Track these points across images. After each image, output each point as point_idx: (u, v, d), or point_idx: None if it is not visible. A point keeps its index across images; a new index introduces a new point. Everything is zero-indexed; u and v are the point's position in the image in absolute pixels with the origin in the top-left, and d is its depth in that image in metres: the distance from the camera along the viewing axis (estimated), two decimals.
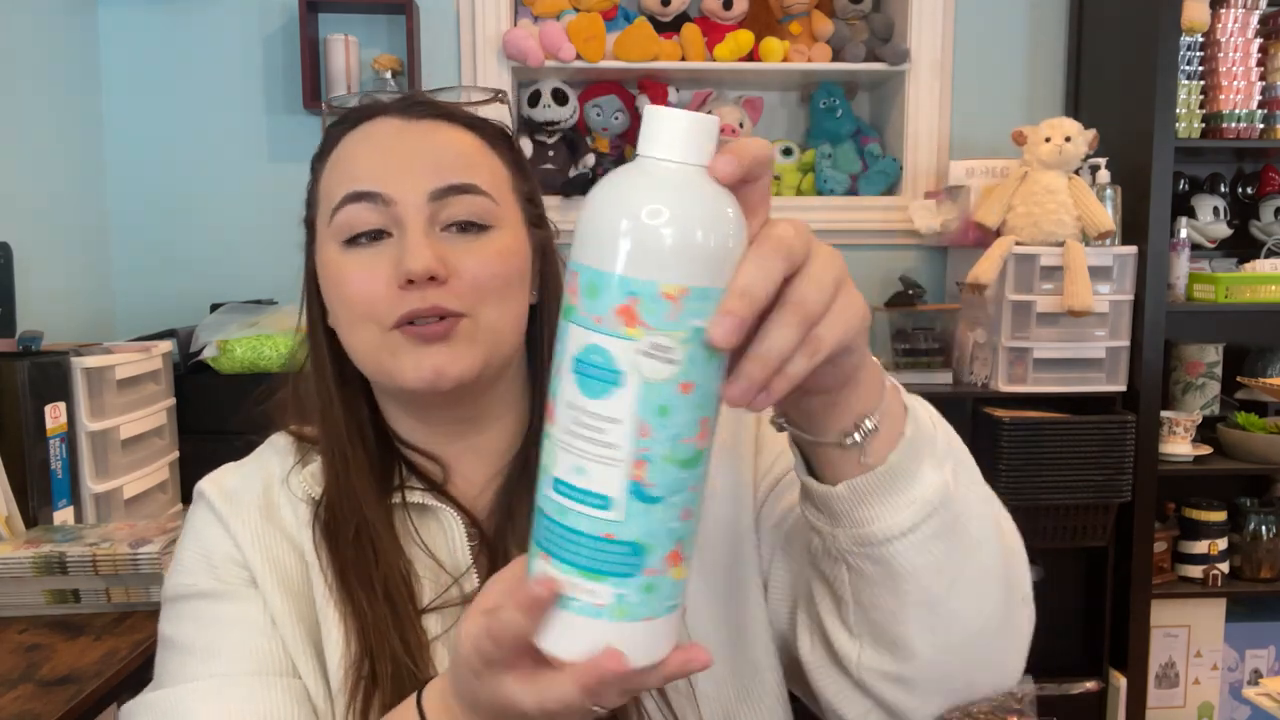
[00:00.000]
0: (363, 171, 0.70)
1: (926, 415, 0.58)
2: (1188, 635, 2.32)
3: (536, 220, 0.77)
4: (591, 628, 0.47)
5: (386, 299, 0.68)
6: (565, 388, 0.46)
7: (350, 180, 0.70)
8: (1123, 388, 2.20)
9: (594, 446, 0.45)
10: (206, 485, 0.77)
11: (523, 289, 0.74)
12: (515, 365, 0.76)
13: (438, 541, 0.74)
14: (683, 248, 0.43)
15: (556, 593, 0.46)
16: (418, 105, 0.74)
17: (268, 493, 0.75)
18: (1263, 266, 2.32)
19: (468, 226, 0.70)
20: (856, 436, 0.53)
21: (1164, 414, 2.24)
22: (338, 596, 0.70)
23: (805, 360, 0.46)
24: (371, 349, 0.70)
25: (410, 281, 0.67)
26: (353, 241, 0.70)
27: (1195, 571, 2.30)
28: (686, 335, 0.44)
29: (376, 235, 0.69)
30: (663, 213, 0.43)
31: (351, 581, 0.70)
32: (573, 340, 0.45)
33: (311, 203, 0.76)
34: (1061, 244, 2.13)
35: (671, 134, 0.44)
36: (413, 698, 0.58)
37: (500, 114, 0.80)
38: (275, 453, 0.79)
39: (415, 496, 0.74)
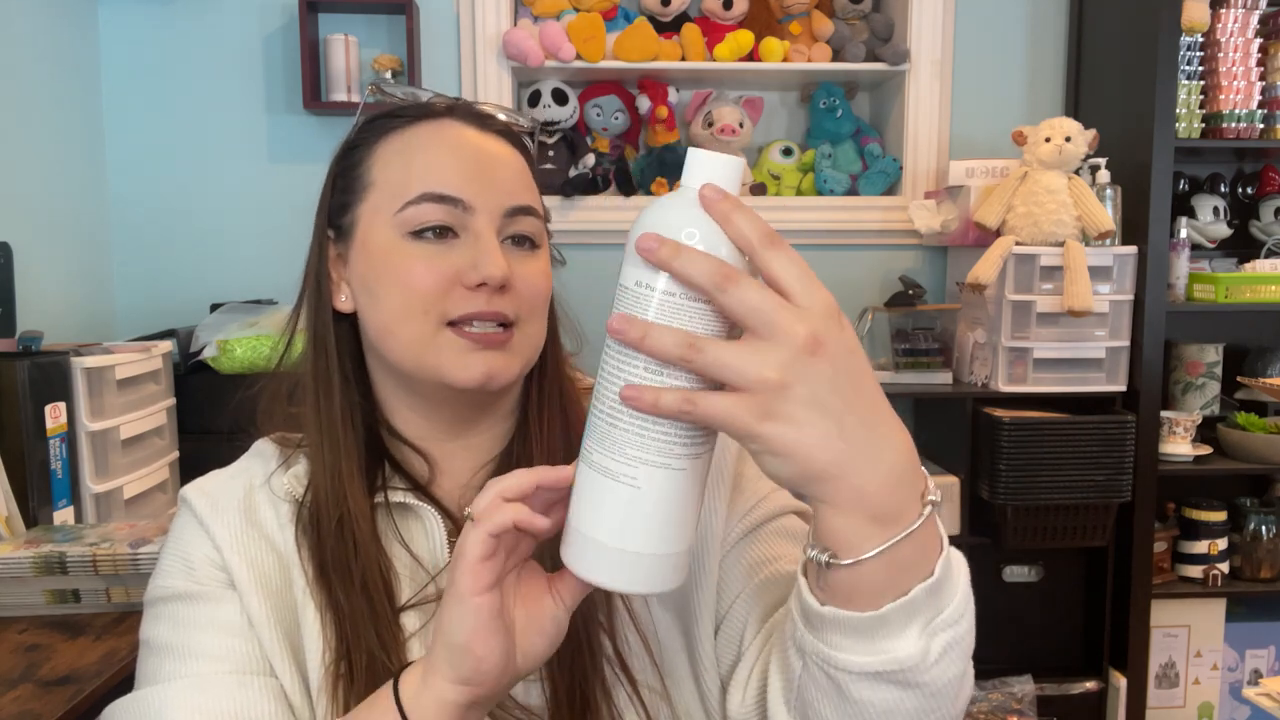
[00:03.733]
0: (445, 174, 0.72)
1: (955, 582, 0.55)
2: (1188, 635, 2.32)
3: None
4: None
5: (452, 295, 0.71)
6: None
7: (431, 180, 0.72)
8: (1123, 388, 2.20)
9: None
10: (189, 490, 0.78)
11: (548, 309, 0.78)
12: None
13: (418, 540, 0.75)
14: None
15: None
16: (489, 118, 0.78)
17: (249, 496, 0.76)
18: (1263, 266, 2.32)
19: (523, 242, 0.75)
20: (810, 553, 0.53)
21: (1164, 414, 2.24)
22: (316, 590, 0.71)
23: (670, 400, 0.50)
24: (418, 342, 0.72)
25: (482, 284, 0.70)
26: (419, 235, 0.72)
27: (1195, 571, 2.30)
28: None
29: (443, 231, 0.72)
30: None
31: (330, 575, 0.71)
32: None
33: (350, 187, 0.76)
34: (1061, 244, 2.13)
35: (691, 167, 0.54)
36: (388, 684, 0.61)
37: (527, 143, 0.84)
38: (259, 458, 0.80)
39: (397, 496, 0.75)
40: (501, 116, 0.80)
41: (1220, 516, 2.30)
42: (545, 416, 0.78)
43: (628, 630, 0.72)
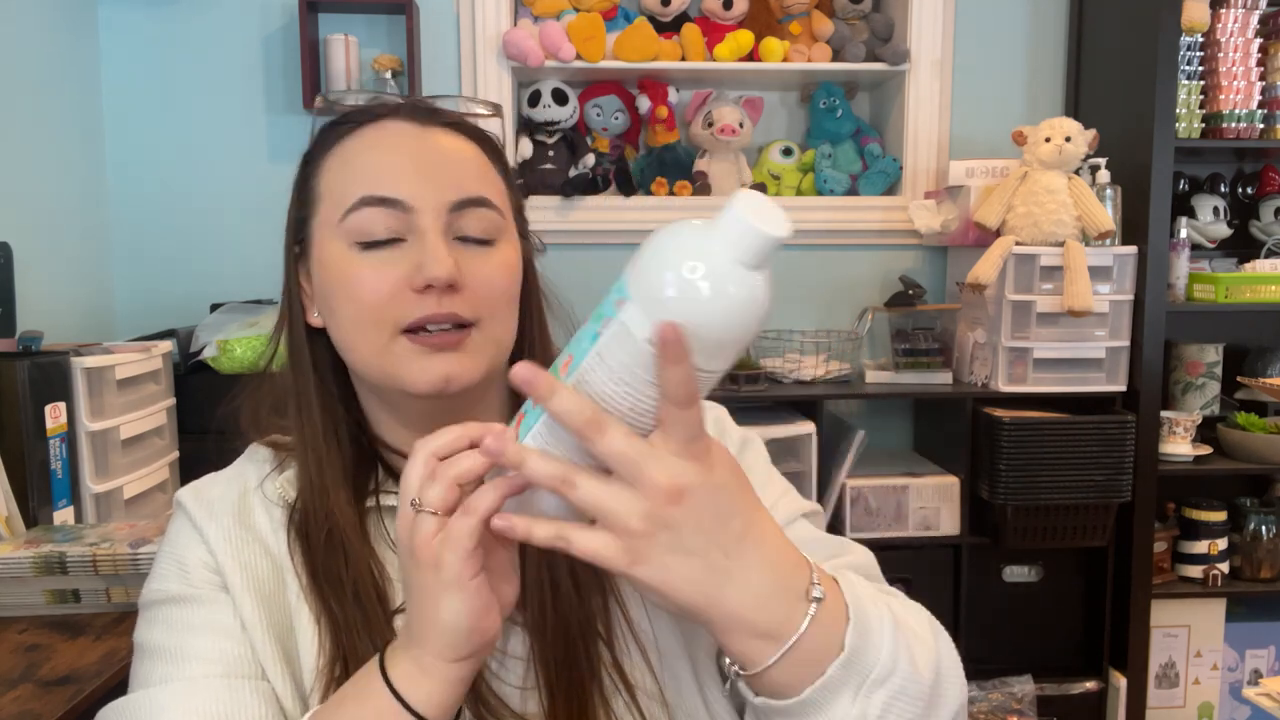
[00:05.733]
0: (382, 176, 0.70)
1: (877, 641, 0.56)
2: (1188, 635, 2.32)
3: (523, 232, 0.79)
4: None
5: (400, 301, 0.69)
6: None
7: (368, 183, 0.70)
8: (1123, 388, 2.20)
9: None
10: (183, 494, 0.78)
11: (517, 301, 0.75)
12: (501, 373, 0.77)
13: None
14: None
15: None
16: (431, 112, 0.75)
17: (243, 499, 0.76)
18: (1263, 266, 2.32)
19: (477, 239, 0.72)
20: (723, 663, 0.58)
21: (1164, 414, 2.24)
22: (310, 597, 0.71)
23: (543, 533, 0.54)
24: (377, 352, 0.70)
25: (429, 287, 0.68)
26: (365, 243, 0.70)
27: (1195, 571, 2.30)
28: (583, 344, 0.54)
29: (390, 241, 0.70)
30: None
31: (323, 583, 0.71)
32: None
33: (306, 201, 0.75)
34: (1061, 244, 2.13)
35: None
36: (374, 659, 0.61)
37: (496, 128, 0.81)
38: (253, 461, 0.80)
39: (390, 500, 0.75)
40: (452, 107, 0.77)
41: (1220, 516, 2.30)
42: None
43: (626, 639, 0.72)
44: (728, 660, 0.56)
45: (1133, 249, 2.17)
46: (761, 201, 0.49)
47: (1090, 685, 2.26)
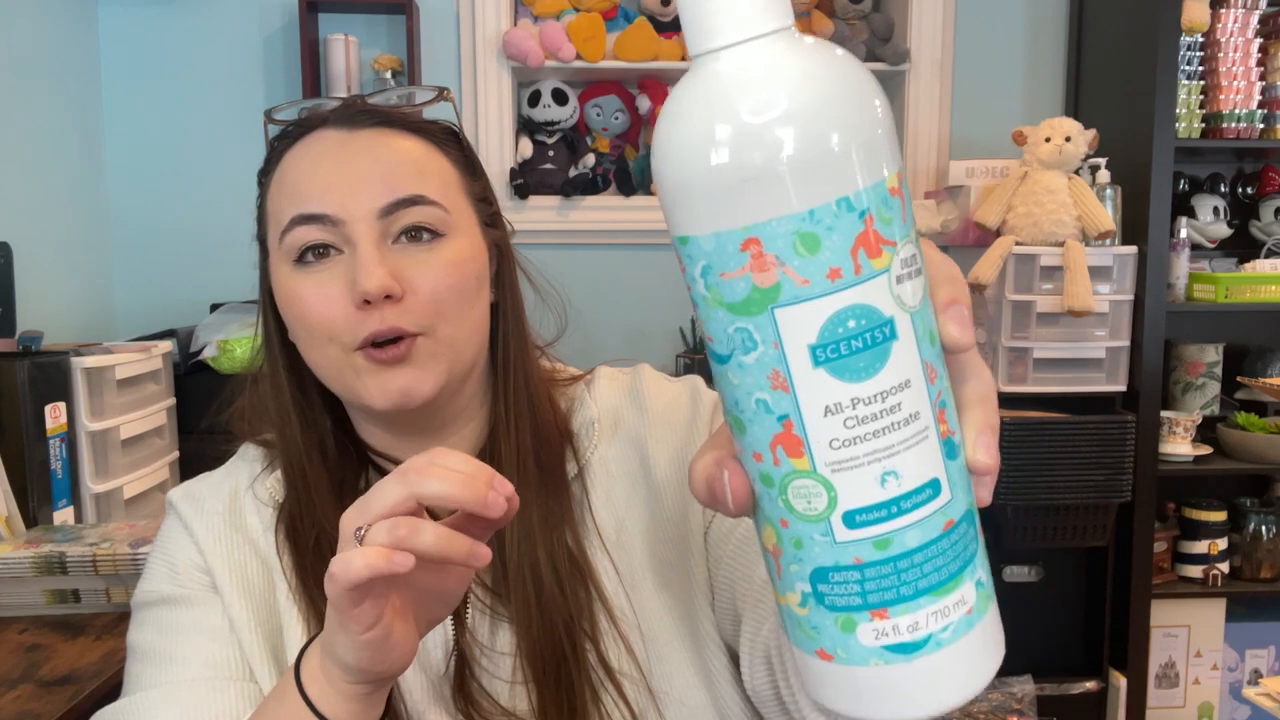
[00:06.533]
0: (309, 192, 0.68)
1: None
2: (1188, 635, 2.32)
3: (490, 219, 0.76)
4: (966, 647, 0.36)
5: (345, 320, 0.67)
6: (812, 396, 0.33)
7: (297, 202, 0.69)
8: (1123, 388, 2.20)
9: (894, 434, 0.33)
10: (174, 494, 0.78)
11: (481, 293, 0.73)
12: (479, 366, 0.76)
13: None
14: (884, 122, 0.34)
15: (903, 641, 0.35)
16: (359, 114, 0.72)
17: (234, 499, 0.76)
18: (1263, 266, 2.32)
19: (419, 235, 0.69)
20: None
21: (1164, 414, 2.24)
22: (300, 599, 0.71)
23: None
24: (335, 369, 0.70)
25: (367, 302, 0.66)
26: (302, 260, 0.69)
27: (1195, 571, 2.30)
28: (914, 228, 0.34)
29: (324, 251, 0.68)
30: (842, 93, 0.34)
31: (312, 587, 0.71)
32: (794, 329, 0.33)
33: (261, 220, 0.75)
34: (1061, 244, 2.13)
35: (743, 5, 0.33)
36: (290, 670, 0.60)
37: (446, 112, 0.77)
38: (244, 461, 0.79)
39: None
40: (393, 100, 0.75)
41: (1220, 516, 2.30)
42: (513, 414, 0.74)
43: (610, 628, 0.72)
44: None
45: (1133, 249, 2.17)
46: None
47: (1090, 685, 2.26)
